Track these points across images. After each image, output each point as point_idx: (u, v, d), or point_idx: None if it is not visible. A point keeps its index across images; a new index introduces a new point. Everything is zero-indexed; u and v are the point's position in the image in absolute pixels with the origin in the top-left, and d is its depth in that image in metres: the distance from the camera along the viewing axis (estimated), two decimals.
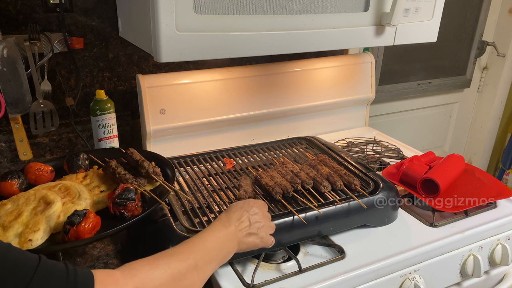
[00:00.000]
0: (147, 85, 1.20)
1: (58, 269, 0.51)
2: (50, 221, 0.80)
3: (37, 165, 0.95)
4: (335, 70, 1.50)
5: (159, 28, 0.84)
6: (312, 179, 1.05)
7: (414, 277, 0.93)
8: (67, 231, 0.75)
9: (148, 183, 0.95)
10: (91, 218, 0.77)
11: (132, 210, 0.83)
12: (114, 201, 0.82)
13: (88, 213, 0.78)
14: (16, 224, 0.79)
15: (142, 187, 0.92)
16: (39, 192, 0.87)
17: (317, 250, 0.95)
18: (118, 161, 0.97)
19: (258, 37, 0.95)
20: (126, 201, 0.82)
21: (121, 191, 0.83)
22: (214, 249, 0.72)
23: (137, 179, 0.92)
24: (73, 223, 0.75)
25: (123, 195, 0.82)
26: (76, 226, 0.75)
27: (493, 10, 2.07)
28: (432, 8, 1.15)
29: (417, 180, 1.09)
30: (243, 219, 0.79)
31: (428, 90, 2.04)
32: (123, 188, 0.84)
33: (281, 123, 1.47)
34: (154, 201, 0.88)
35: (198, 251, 0.69)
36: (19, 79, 1.07)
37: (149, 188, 0.94)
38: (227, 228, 0.76)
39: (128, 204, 0.82)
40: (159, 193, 0.92)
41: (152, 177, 0.93)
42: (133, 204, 0.82)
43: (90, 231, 0.77)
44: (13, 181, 0.90)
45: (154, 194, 0.90)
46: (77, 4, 1.16)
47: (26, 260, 0.50)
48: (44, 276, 0.49)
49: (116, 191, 0.83)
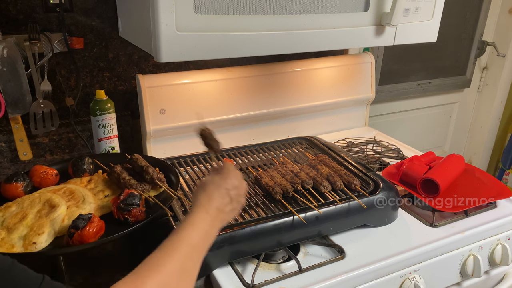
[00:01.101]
0: (147, 85, 1.20)
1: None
2: (54, 224, 0.80)
3: (42, 168, 0.96)
4: (335, 70, 1.50)
5: (159, 28, 0.84)
6: (312, 179, 1.05)
7: (414, 277, 0.93)
8: (71, 234, 0.75)
9: (152, 189, 0.95)
10: (96, 222, 0.78)
11: (136, 216, 0.83)
12: (118, 206, 0.83)
13: (92, 217, 0.78)
14: (21, 226, 0.79)
15: (146, 192, 0.92)
16: (44, 195, 0.87)
17: (317, 250, 0.95)
18: (122, 166, 0.98)
19: (258, 37, 0.95)
20: (130, 206, 0.82)
21: (126, 197, 0.83)
22: (200, 244, 0.66)
23: (141, 185, 0.92)
24: (77, 227, 0.76)
25: (128, 200, 0.83)
26: (80, 230, 0.75)
27: (493, 10, 2.07)
28: (432, 8, 1.16)
29: (417, 180, 1.10)
30: (223, 196, 0.72)
31: (428, 90, 2.04)
32: (128, 193, 0.84)
33: (281, 123, 1.47)
34: (158, 207, 0.88)
35: (184, 254, 0.63)
36: (19, 79, 1.07)
37: (153, 194, 0.94)
38: (209, 214, 0.70)
39: (132, 209, 0.82)
40: (163, 199, 0.92)
41: (156, 183, 0.93)
42: (137, 209, 0.83)
43: (94, 236, 0.77)
44: (18, 183, 0.90)
45: (158, 200, 0.90)
46: (77, 4, 1.16)
47: (29, 278, 0.49)
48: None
49: (121, 196, 0.84)
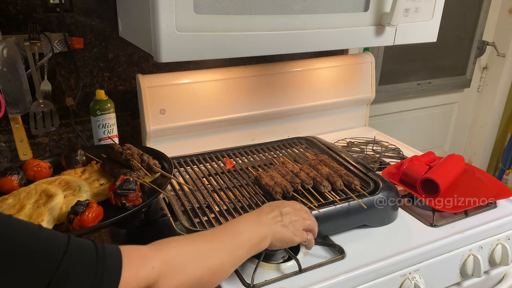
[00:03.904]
0: (147, 85, 1.20)
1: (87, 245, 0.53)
2: (53, 212, 0.81)
3: (36, 162, 0.96)
4: (335, 70, 1.50)
5: (159, 28, 0.84)
6: (312, 179, 1.05)
7: (414, 277, 0.93)
8: (71, 220, 0.77)
9: (146, 176, 0.96)
10: (94, 207, 0.79)
11: (133, 200, 0.84)
12: (115, 192, 0.84)
13: (91, 203, 0.79)
14: (20, 216, 0.79)
15: (141, 178, 0.93)
16: (40, 187, 0.87)
17: (317, 250, 0.94)
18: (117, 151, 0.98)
19: (258, 37, 0.95)
20: (127, 191, 0.84)
21: (122, 182, 0.85)
22: (243, 233, 0.72)
23: (136, 172, 0.94)
24: (77, 212, 0.77)
25: (124, 185, 0.84)
26: (80, 215, 0.76)
27: (493, 10, 2.07)
28: (432, 8, 1.15)
29: (417, 180, 1.09)
30: (275, 211, 0.79)
31: (428, 90, 2.04)
32: (123, 179, 0.85)
33: (281, 123, 1.47)
34: (153, 193, 0.90)
35: (227, 234, 0.70)
36: (19, 79, 1.07)
37: (148, 180, 0.95)
38: (259, 217, 0.77)
39: (129, 194, 0.84)
40: (157, 184, 0.94)
41: (153, 168, 0.95)
42: (134, 194, 0.84)
43: (94, 220, 0.78)
44: (13, 176, 0.90)
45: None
46: (77, 4, 1.16)
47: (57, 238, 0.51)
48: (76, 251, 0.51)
49: (117, 182, 0.85)
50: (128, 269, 0.54)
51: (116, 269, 0.53)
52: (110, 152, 0.99)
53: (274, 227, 0.77)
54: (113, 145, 0.99)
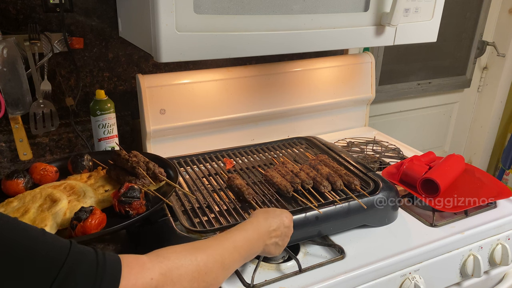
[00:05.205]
0: (147, 85, 1.20)
1: (88, 252, 0.54)
2: (56, 217, 0.81)
3: (42, 165, 0.96)
4: (335, 70, 1.50)
5: (159, 28, 0.84)
6: (312, 179, 1.05)
7: (414, 277, 0.93)
8: (74, 226, 0.76)
9: (151, 184, 0.95)
10: (98, 214, 0.79)
11: (137, 208, 0.84)
12: (119, 199, 0.83)
13: (94, 209, 0.79)
14: (23, 220, 0.79)
15: (146, 186, 0.92)
16: (45, 191, 0.87)
17: (317, 250, 0.95)
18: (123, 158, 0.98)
19: (258, 37, 0.95)
20: (131, 199, 0.83)
21: (126, 190, 0.84)
22: (242, 248, 0.73)
23: (141, 179, 0.93)
24: (80, 219, 0.77)
25: (128, 193, 0.83)
26: (83, 221, 0.76)
27: (493, 10, 2.07)
28: (432, 8, 1.15)
29: (417, 180, 1.09)
30: (278, 229, 0.81)
31: (428, 90, 2.04)
32: (128, 187, 0.85)
33: (281, 123, 1.47)
34: (157, 200, 0.89)
35: (226, 249, 0.70)
36: (19, 79, 1.07)
37: (153, 188, 0.94)
38: (259, 231, 0.78)
39: (133, 202, 0.83)
40: (162, 193, 0.93)
41: (159, 176, 0.94)
42: (138, 202, 0.84)
43: (97, 227, 0.78)
44: (19, 180, 0.91)
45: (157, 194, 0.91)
46: (77, 4, 1.16)
47: (59, 243, 0.52)
48: (77, 258, 0.51)
49: (121, 189, 0.84)
50: (127, 279, 0.54)
51: (115, 278, 0.53)
52: (117, 158, 0.97)
53: (269, 244, 0.79)
54: (119, 152, 0.98)
